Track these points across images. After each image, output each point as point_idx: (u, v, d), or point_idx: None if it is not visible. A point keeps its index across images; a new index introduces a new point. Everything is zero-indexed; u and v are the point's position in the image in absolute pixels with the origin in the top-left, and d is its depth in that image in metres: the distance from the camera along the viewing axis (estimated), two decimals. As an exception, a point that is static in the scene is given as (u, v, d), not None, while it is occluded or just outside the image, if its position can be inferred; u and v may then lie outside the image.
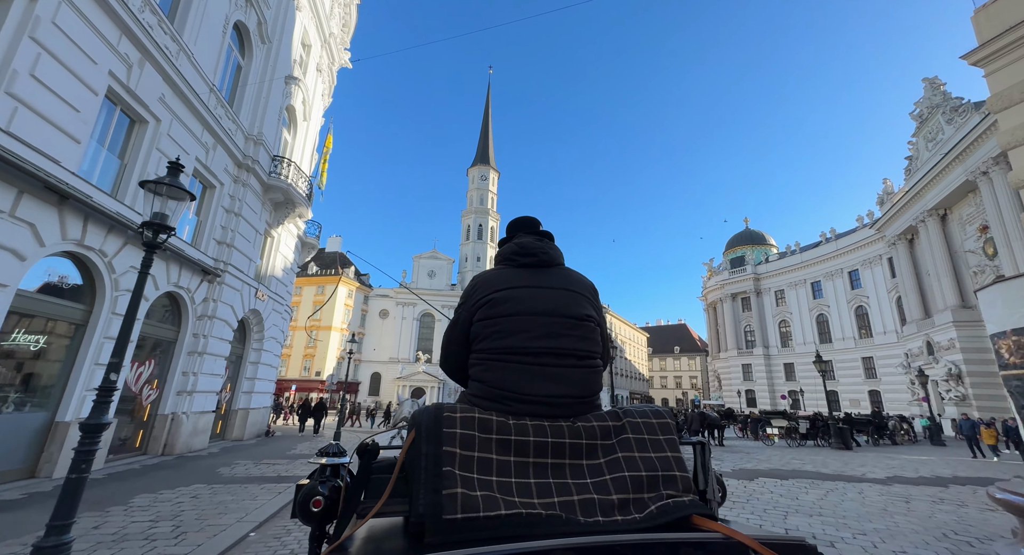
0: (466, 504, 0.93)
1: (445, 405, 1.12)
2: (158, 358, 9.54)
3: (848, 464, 10.33)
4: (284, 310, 15.83)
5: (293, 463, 9.31)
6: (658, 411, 1.25)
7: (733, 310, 53.63)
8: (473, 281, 1.42)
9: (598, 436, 1.16)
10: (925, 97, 30.85)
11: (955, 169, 27.44)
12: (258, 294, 13.00)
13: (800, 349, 46.71)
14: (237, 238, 11.45)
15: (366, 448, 1.20)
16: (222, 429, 12.70)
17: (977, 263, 27.95)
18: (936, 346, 30.26)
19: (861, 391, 40.75)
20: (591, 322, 1.34)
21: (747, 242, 57.12)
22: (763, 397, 48.06)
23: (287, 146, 14.92)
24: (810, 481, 7.67)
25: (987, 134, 24.33)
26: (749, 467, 9.40)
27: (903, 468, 9.99)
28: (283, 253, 15.08)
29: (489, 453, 1.06)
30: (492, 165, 68.87)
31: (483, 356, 1.28)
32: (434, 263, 61.28)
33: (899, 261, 35.48)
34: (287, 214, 13.84)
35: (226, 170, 10.97)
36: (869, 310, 40.78)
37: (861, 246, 41.58)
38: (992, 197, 24.66)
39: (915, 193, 31.59)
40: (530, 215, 1.62)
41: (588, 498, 1.03)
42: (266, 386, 14.52)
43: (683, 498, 1.06)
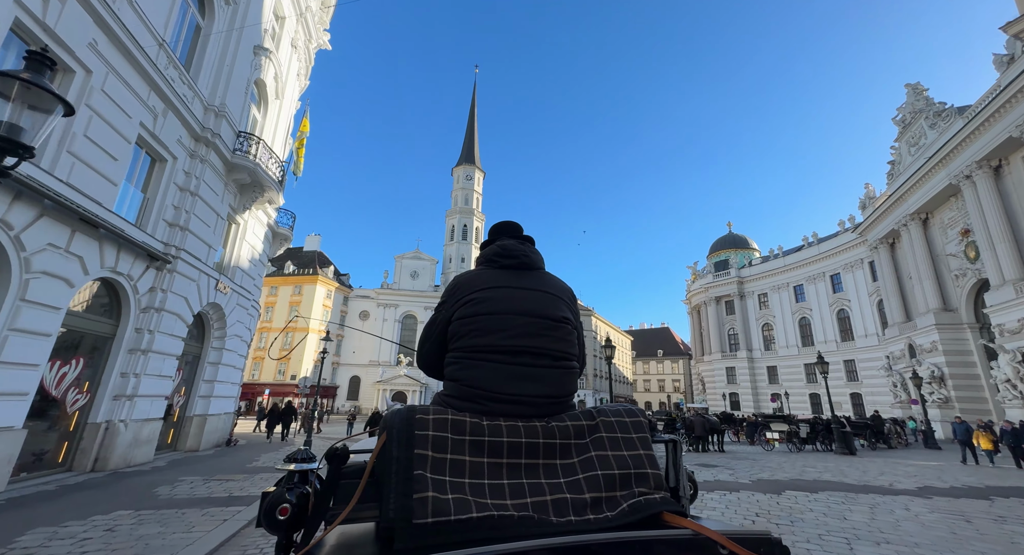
0: (437, 508, 0.92)
1: (418, 407, 1.11)
2: (89, 357, 8.11)
3: (867, 472, 9.66)
4: (251, 306, 14.38)
5: (251, 479, 8.00)
6: (631, 410, 1.26)
7: (717, 313, 53.77)
8: (455, 280, 1.42)
9: (572, 436, 1.16)
10: (908, 102, 31.27)
11: (938, 173, 27.74)
12: (219, 286, 11.59)
13: (783, 352, 46.98)
14: (193, 221, 10.07)
15: (335, 453, 1.14)
16: (174, 438, 11.22)
17: (959, 266, 28.27)
18: (918, 349, 30.48)
19: (843, 394, 41.04)
20: (568, 324, 1.36)
21: (730, 246, 57.56)
22: (747, 400, 48.15)
23: (256, 124, 13.55)
24: (843, 494, 6.87)
25: (971, 138, 24.59)
26: (767, 477, 8.57)
27: (923, 476, 9.37)
28: (251, 243, 13.67)
29: (462, 455, 1.05)
30: (477, 165, 67.83)
31: (460, 354, 1.27)
32: (417, 263, 59.70)
33: (881, 265, 35.86)
34: (254, 198, 12.47)
35: (180, 142, 9.62)
36: (851, 313, 41.22)
37: (843, 250, 42.08)
38: (975, 201, 24.89)
39: (897, 197, 31.92)
40: (513, 219, 1.63)
41: (561, 498, 1.04)
42: (228, 390, 13.06)
43: (654, 495, 1.07)
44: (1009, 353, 22.02)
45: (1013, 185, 23.50)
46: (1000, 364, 22.59)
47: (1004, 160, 23.85)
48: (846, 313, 41.79)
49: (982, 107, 23.47)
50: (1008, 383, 22.07)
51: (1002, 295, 22.79)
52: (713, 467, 10.06)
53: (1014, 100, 21.40)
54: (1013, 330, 22.18)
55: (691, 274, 60.59)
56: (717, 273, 54.97)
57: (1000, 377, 22.52)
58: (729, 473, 9.00)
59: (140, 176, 9.03)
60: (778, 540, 0.95)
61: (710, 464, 10.76)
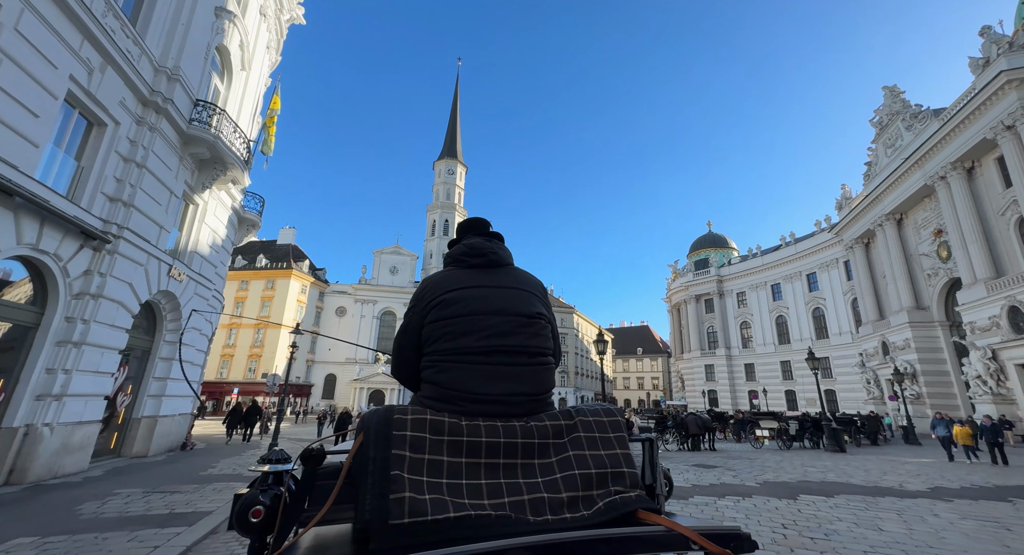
0: (413, 508, 0.92)
1: (396, 407, 1.10)
2: (4, 350, 6.90)
3: (869, 471, 9.34)
4: (213, 296, 13.12)
5: (201, 491, 6.96)
6: (609, 409, 1.27)
7: (696, 311, 54.28)
8: (423, 283, 1.41)
9: (550, 435, 1.16)
10: (885, 104, 31.90)
11: (914, 174, 28.32)
12: (173, 272, 10.37)
13: (760, 350, 47.71)
14: (140, 197, 8.86)
15: (311, 454, 1.12)
16: (118, 443, 9.97)
17: (931, 266, 29.01)
18: (891, 346, 31.18)
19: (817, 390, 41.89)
20: (542, 319, 1.35)
21: (710, 245, 58.22)
22: (725, 397, 48.74)
23: (219, 96, 12.28)
24: (860, 499, 6.40)
25: (946, 140, 25.11)
26: (772, 479, 8.08)
27: (927, 475, 9.10)
28: (212, 227, 12.41)
29: (440, 455, 1.05)
30: (460, 159, 66.59)
31: (435, 358, 1.26)
32: (397, 259, 58.10)
33: (856, 264, 36.63)
34: (216, 176, 11.25)
35: (123, 104, 8.39)
36: (826, 312, 42.08)
37: (819, 250, 42.91)
38: (949, 201, 25.46)
39: (874, 198, 32.56)
40: (494, 216, 1.79)
41: (538, 497, 1.05)
42: (185, 388, 11.82)
43: (630, 494, 1.09)
44: (980, 350, 22.57)
45: (985, 187, 24.12)
46: (972, 361, 23.16)
47: (977, 162, 24.45)
48: (821, 312, 42.65)
49: (958, 109, 23.96)
50: (979, 379, 22.63)
51: (974, 293, 23.36)
52: (712, 468, 9.55)
53: (988, 102, 21.86)
54: (984, 327, 22.75)
55: (672, 273, 61.03)
56: (697, 272, 55.49)
57: (971, 373, 23.09)
58: (732, 475, 8.50)
59: (73, 141, 7.80)
60: (747, 535, 0.98)
61: (708, 465, 10.26)
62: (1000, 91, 21.06)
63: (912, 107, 29.39)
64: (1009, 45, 21.45)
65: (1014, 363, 21.05)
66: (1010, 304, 20.96)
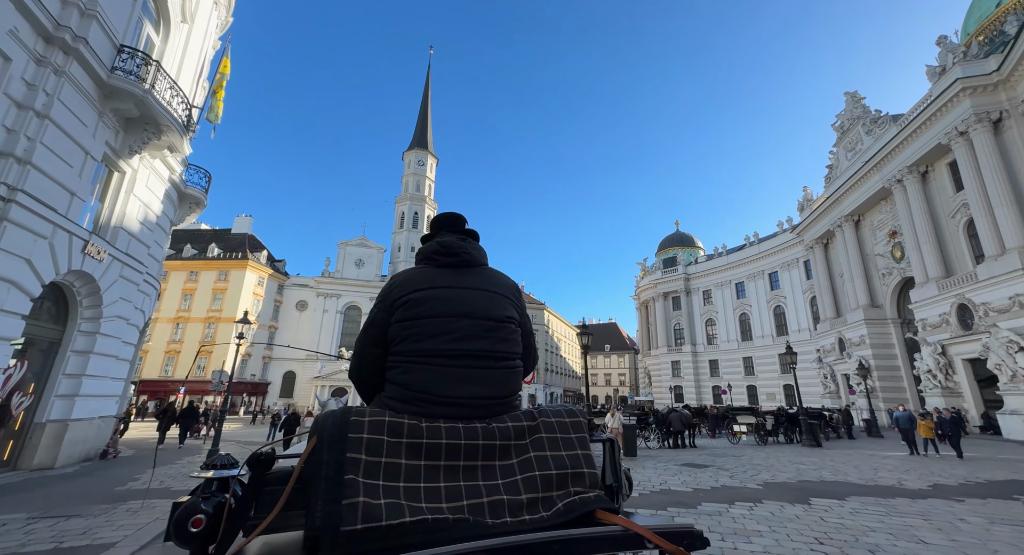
0: (367, 513, 0.90)
1: (354, 409, 1.08)
2: None
3: (858, 468, 9.13)
4: (144, 281, 11.40)
5: (111, 512, 5.63)
6: (571, 410, 1.27)
7: (664, 309, 55.19)
8: (391, 280, 1.38)
9: (512, 436, 1.15)
10: (846, 109, 33.13)
11: (872, 177, 29.50)
12: (90, 249, 8.74)
13: (724, 346, 49.03)
14: (41, 153, 7.26)
15: (259, 457, 1.09)
16: (13, 453, 8.28)
17: (885, 265, 30.40)
18: (848, 342, 32.50)
19: (777, 385, 43.47)
20: (512, 323, 1.34)
21: (678, 244, 59.39)
22: (690, 393, 49.80)
23: (153, 48, 10.57)
24: (874, 501, 5.97)
25: (903, 144, 26.19)
26: (771, 479, 7.62)
27: (916, 471, 8.94)
28: (143, 200, 10.71)
29: (398, 458, 1.03)
30: (430, 150, 64.65)
31: (400, 358, 1.24)
32: (363, 251, 55.66)
33: (815, 263, 38.06)
34: (147, 140, 9.62)
35: (14, 36, 6.78)
36: (786, 309, 43.63)
37: (781, 250, 44.41)
38: (905, 203, 26.62)
39: (834, 200, 33.81)
40: (464, 212, 1.84)
41: (498, 499, 1.04)
42: (106, 387, 10.14)
43: (589, 494, 1.09)
44: (931, 346, 23.70)
45: (937, 190, 25.34)
46: (923, 356, 24.30)
47: (930, 166, 25.65)
48: (782, 309, 44.20)
49: (915, 115, 25.00)
50: (929, 373, 23.76)
51: (926, 292, 24.51)
52: (704, 468, 9.04)
53: (944, 109, 22.85)
54: (934, 324, 23.90)
55: (641, 270, 61.84)
56: (665, 270, 56.43)
57: (923, 368, 24.22)
58: (728, 475, 8.00)
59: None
60: (699, 533, 1.00)
61: (698, 463, 9.76)
62: (955, 98, 22.01)
63: (872, 112, 30.58)
64: (964, 54, 22.46)
65: (962, 358, 22.18)
66: (959, 302, 22.01)
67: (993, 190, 20.40)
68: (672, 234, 61.19)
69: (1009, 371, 18.68)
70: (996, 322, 19.51)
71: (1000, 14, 29.80)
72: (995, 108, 21.02)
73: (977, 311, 20.85)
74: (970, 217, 22.78)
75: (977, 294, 20.85)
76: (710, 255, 54.76)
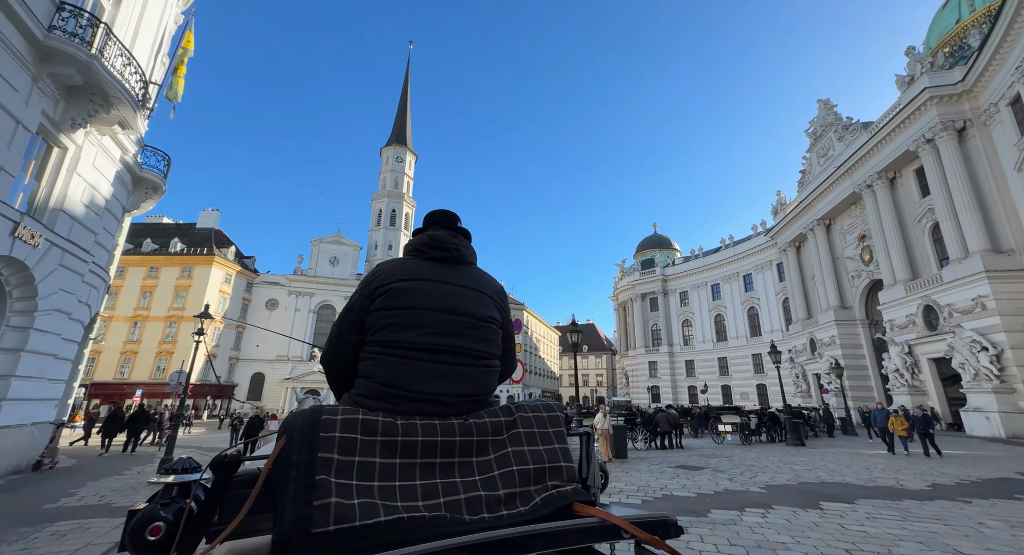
0: (340, 514, 0.88)
1: (325, 407, 1.06)
2: None
3: (851, 467, 9.04)
4: (91, 272, 10.28)
5: (31, 538, 4.77)
6: (549, 404, 1.27)
7: (642, 309, 55.75)
8: (376, 268, 1.35)
9: (489, 432, 1.15)
10: (819, 116, 34.16)
11: (843, 182, 30.44)
12: (20, 232, 7.69)
13: (700, 347, 49.85)
14: (-42, 120, 6.27)
15: (223, 460, 1.05)
16: (-75, 467, 7.17)
17: (855, 268, 31.42)
18: (819, 343, 33.43)
19: (750, 385, 44.44)
20: (494, 324, 1.33)
21: (655, 246, 60.18)
22: (667, 393, 50.40)
23: (103, 12, 9.49)
24: (883, 504, 5.76)
25: (873, 151, 27.08)
26: (771, 481, 7.36)
27: (908, 470, 8.86)
28: (90, 181, 9.62)
29: (372, 457, 1.01)
30: (409, 146, 63.33)
31: (376, 349, 1.21)
32: (338, 249, 53.87)
33: (788, 266, 39.11)
34: (93, 113, 8.60)
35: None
36: (760, 311, 44.69)
37: (755, 252, 45.50)
38: (875, 208, 27.55)
39: (807, 204, 34.78)
40: (448, 208, 1.57)
41: (475, 496, 1.03)
42: (40, 390, 9.01)
43: (566, 487, 1.10)
44: (898, 345, 24.53)
45: (904, 196, 26.31)
46: (891, 355, 25.13)
47: (898, 173, 26.62)
48: (756, 311, 45.26)
49: (885, 122, 25.89)
50: (897, 372, 24.58)
51: (894, 293, 25.38)
52: (699, 470, 8.75)
53: (912, 117, 23.71)
54: (902, 325, 24.76)
55: (619, 272, 62.37)
56: (643, 271, 57.05)
57: (891, 367, 25.05)
58: (726, 478, 7.72)
59: None
60: (674, 521, 1.03)
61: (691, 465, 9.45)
62: (923, 107, 22.85)
63: (844, 120, 31.58)
64: (931, 65, 23.37)
65: (927, 357, 23.01)
66: (925, 303, 22.83)
67: (958, 196, 21.22)
68: (650, 236, 61.96)
69: (972, 370, 19.41)
70: (960, 323, 20.27)
71: (959, 30, 31.36)
72: (960, 117, 21.92)
73: (942, 312, 21.64)
74: (935, 222, 23.69)
75: (942, 296, 21.65)
76: (687, 257, 55.69)
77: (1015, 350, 18.26)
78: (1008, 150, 20.07)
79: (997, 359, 18.66)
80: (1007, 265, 19.36)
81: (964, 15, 31.53)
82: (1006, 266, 19.34)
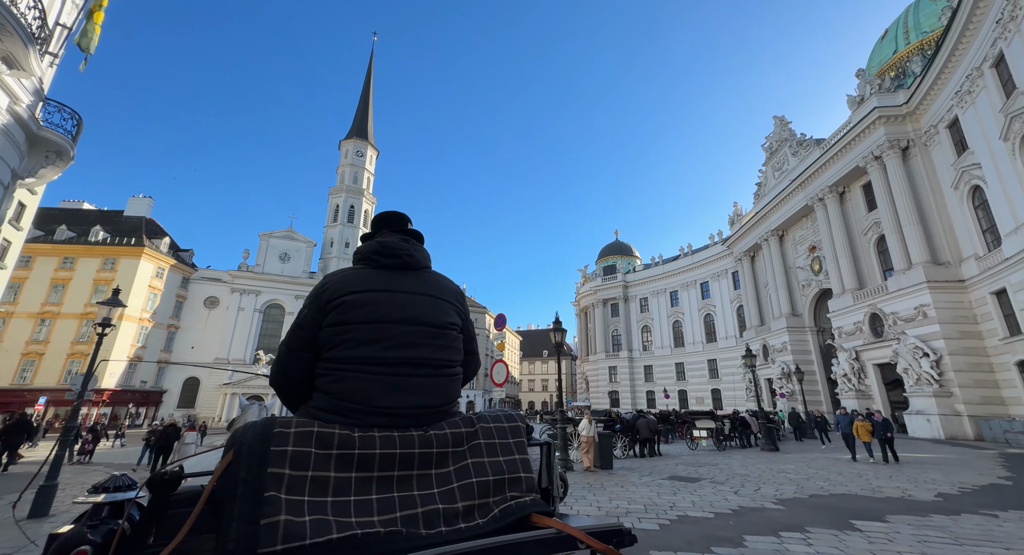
0: (289, 532, 0.85)
1: (278, 420, 1.01)
2: None
3: (843, 474, 8.69)
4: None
5: None
6: (511, 415, 1.26)
7: (603, 315, 56.28)
8: (324, 280, 1.29)
9: (450, 444, 1.13)
10: (775, 132, 35.88)
11: (797, 195, 31.97)
12: None
13: (659, 352, 50.86)
14: None
15: (162, 477, 0.98)
16: None
17: (805, 278, 33.03)
18: (771, 349, 34.80)
19: (705, 389, 45.71)
20: (454, 330, 1.30)
21: (617, 252, 61.19)
22: (626, 398, 50.93)
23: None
24: (915, 520, 5.26)
25: (826, 166, 28.57)
26: (781, 495, 6.66)
27: (898, 478, 8.61)
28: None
29: (327, 471, 0.98)
30: (371, 141, 60.74)
31: (332, 366, 1.17)
32: (289, 244, 50.28)
33: (743, 275, 40.69)
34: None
35: None
36: (715, 318, 46.20)
37: (711, 261, 47.12)
38: (826, 220, 29.03)
39: (762, 215, 36.32)
40: (404, 210, 1.63)
41: (433, 509, 1.02)
42: None
43: (525, 499, 1.10)
44: (846, 351, 25.77)
45: (852, 210, 27.90)
46: (839, 361, 26.37)
47: (847, 188, 28.23)
48: (712, 317, 46.75)
49: (836, 139, 27.39)
50: (845, 377, 25.78)
51: (842, 302, 26.72)
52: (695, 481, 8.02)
53: (862, 135, 25.16)
54: (849, 332, 26.06)
55: (581, 277, 62.77)
56: (605, 277, 57.71)
57: (839, 372, 26.27)
58: (731, 491, 7.02)
59: None
60: (628, 530, 1.04)
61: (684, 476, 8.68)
62: (872, 126, 24.28)
63: (798, 136, 33.25)
64: (879, 86, 24.94)
65: (873, 363, 24.25)
66: (871, 311, 24.09)
67: (902, 210, 22.58)
68: (612, 243, 62.93)
69: (915, 375, 20.51)
70: (904, 330, 21.45)
71: (896, 60, 34.13)
72: (904, 137, 23.44)
73: (887, 320, 22.86)
74: (880, 234, 25.18)
75: (887, 304, 22.89)
76: (647, 264, 56.93)
77: (952, 356, 19.45)
78: (946, 169, 21.61)
79: (937, 365, 19.80)
80: (945, 276, 20.70)
81: (900, 46, 34.32)
82: (944, 277, 20.68)
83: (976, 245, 19.89)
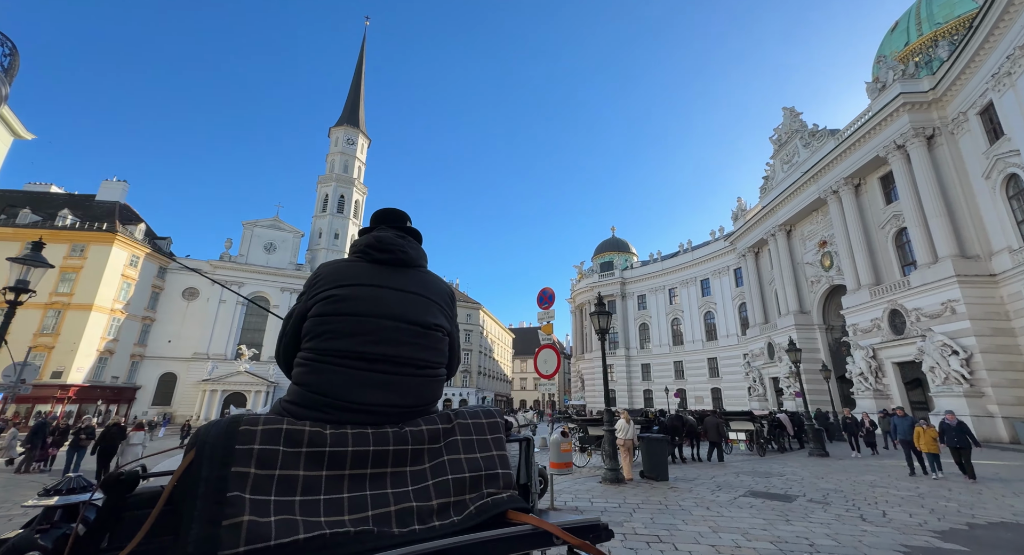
0: (253, 533, 0.82)
1: (244, 417, 0.97)
2: None
3: (951, 491, 7.10)
4: None
5: None
6: (488, 411, 1.24)
7: (601, 312, 54.95)
8: (317, 270, 1.28)
9: (426, 440, 1.11)
10: (784, 123, 34.72)
11: (809, 188, 30.80)
12: None
13: (657, 350, 49.66)
14: None
15: (118, 478, 0.95)
16: None
17: (814, 274, 31.92)
18: (777, 347, 33.62)
19: (705, 389, 44.63)
20: (440, 332, 1.28)
21: (613, 249, 59.94)
22: (623, 397, 49.66)
23: None
24: None
25: (842, 157, 27.41)
26: (919, 523, 5.03)
27: (999, 498, 6.99)
28: None
29: (295, 469, 0.95)
30: (362, 129, 58.44)
31: (309, 356, 1.15)
32: (275, 234, 47.85)
33: (747, 271, 39.56)
34: None
35: None
36: (716, 315, 45.12)
37: (712, 257, 46.02)
38: (840, 213, 27.88)
39: (770, 209, 35.16)
40: (397, 205, 1.57)
41: (406, 507, 1.00)
42: None
43: (501, 495, 1.07)
44: (863, 349, 24.62)
45: (868, 202, 26.78)
46: (855, 359, 25.20)
47: (863, 180, 27.09)
48: (712, 315, 45.68)
49: (855, 127, 26.20)
50: (861, 376, 24.63)
51: (858, 298, 25.58)
52: (791, 500, 5.83)
53: (884, 123, 23.99)
54: (866, 329, 24.92)
55: (577, 274, 61.39)
56: (602, 273, 56.41)
57: (855, 371, 25.11)
58: (853, 516, 5.23)
59: None
60: (604, 525, 1.04)
61: (765, 492, 6.72)
62: (895, 113, 23.09)
63: (809, 127, 32.11)
64: (903, 72, 23.79)
65: (892, 361, 23.11)
66: (891, 307, 22.92)
67: (928, 202, 21.41)
68: (608, 239, 61.69)
69: (943, 374, 19.34)
70: (929, 327, 20.27)
71: (908, 52, 33.22)
72: (929, 125, 22.30)
73: (909, 316, 21.69)
74: (899, 228, 24.05)
75: (909, 300, 21.72)
76: (645, 261, 55.77)
77: (984, 354, 18.31)
78: (976, 158, 20.47)
79: (967, 363, 18.66)
80: (975, 270, 19.58)
81: (913, 38, 33.43)
82: (974, 271, 19.55)
83: (1010, 237, 18.76)
